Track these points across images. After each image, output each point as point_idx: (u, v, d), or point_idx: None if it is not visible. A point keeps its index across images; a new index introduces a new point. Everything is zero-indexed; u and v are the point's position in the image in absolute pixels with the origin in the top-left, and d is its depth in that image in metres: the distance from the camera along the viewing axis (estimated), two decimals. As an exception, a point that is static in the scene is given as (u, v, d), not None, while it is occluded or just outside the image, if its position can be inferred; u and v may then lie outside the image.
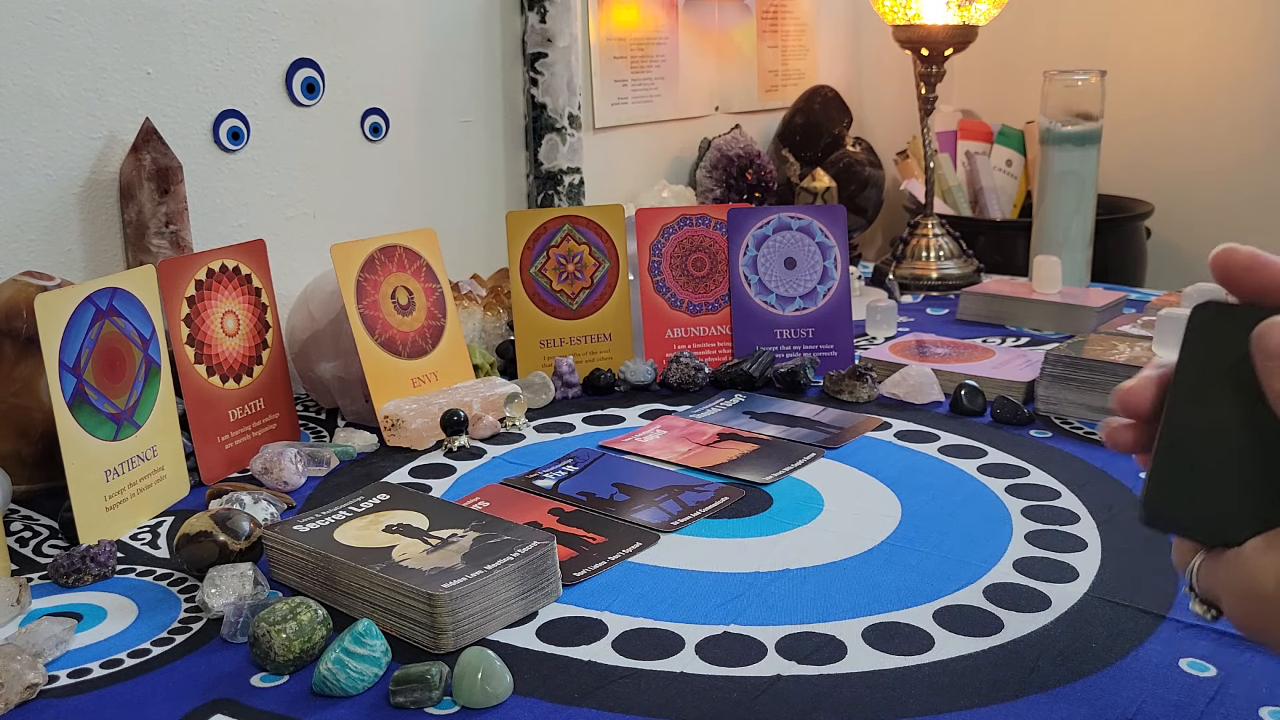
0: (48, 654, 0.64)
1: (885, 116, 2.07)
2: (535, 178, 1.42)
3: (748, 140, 1.68)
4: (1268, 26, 1.84)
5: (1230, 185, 1.89)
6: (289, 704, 0.60)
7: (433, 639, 0.64)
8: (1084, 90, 1.42)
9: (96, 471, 0.80)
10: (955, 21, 1.49)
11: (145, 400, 0.86)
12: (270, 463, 0.90)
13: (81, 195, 1.02)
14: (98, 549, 0.75)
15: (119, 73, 1.03)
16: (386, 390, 1.00)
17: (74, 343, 0.79)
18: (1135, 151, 1.95)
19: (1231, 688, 0.59)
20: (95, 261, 1.03)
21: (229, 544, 0.73)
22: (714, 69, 1.74)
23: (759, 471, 0.90)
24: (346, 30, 1.21)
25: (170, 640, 0.67)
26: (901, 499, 0.84)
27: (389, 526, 0.74)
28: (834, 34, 1.98)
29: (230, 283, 0.96)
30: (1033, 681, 0.60)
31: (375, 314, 1.02)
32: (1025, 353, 1.16)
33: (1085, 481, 0.87)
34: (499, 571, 0.66)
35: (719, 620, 0.67)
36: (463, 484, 0.90)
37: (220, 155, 1.12)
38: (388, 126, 1.27)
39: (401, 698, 0.59)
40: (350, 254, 1.02)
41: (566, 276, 1.15)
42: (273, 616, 0.63)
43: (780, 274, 1.17)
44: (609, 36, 1.54)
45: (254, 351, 0.98)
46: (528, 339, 1.15)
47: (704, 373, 1.12)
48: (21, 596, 0.70)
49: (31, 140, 0.98)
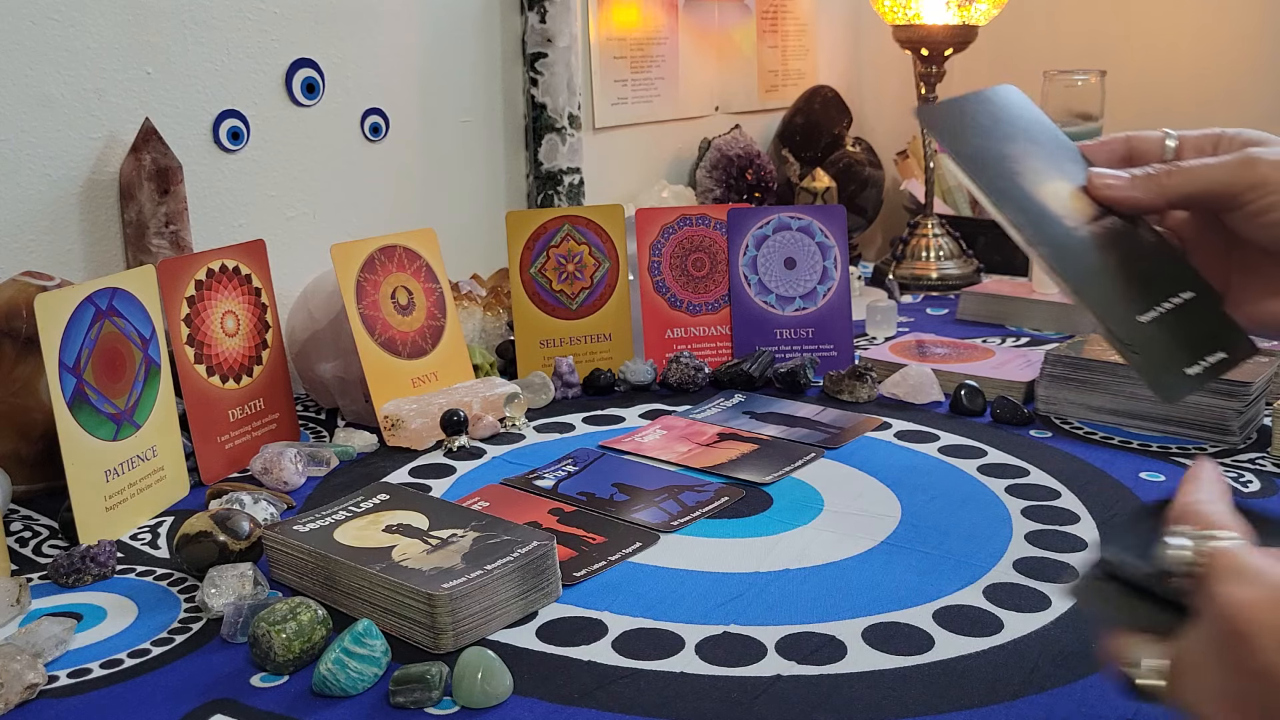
0: (48, 654, 0.64)
1: (885, 116, 2.07)
2: (535, 178, 1.42)
3: (748, 140, 1.68)
4: (1268, 26, 1.84)
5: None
6: (289, 704, 0.60)
7: (433, 639, 0.64)
8: (1084, 90, 1.42)
9: (96, 471, 0.80)
10: (955, 21, 1.49)
11: (145, 400, 0.86)
12: (270, 463, 0.90)
13: (81, 195, 1.02)
14: (98, 549, 0.75)
15: (119, 73, 1.03)
16: (386, 390, 1.00)
17: (74, 343, 0.79)
18: (1135, 151, 1.94)
19: (1231, 688, 0.59)
20: (95, 261, 1.03)
21: (229, 544, 0.73)
22: (714, 69, 1.74)
23: (759, 471, 0.90)
24: (346, 30, 1.21)
25: (170, 640, 0.67)
26: (901, 499, 0.84)
27: (389, 526, 0.74)
28: (834, 34, 1.98)
29: (230, 283, 0.96)
30: (1033, 681, 0.60)
31: (375, 314, 1.02)
32: (1025, 353, 1.16)
33: (1085, 481, 0.87)
34: (499, 571, 0.66)
35: (719, 620, 0.67)
36: (463, 484, 0.90)
37: (220, 155, 1.12)
38: (388, 126, 1.27)
39: (401, 698, 0.59)
40: (350, 254, 1.02)
41: (566, 276, 1.15)
42: (273, 616, 0.63)
43: (780, 274, 1.17)
44: (609, 36, 1.54)
45: (254, 351, 0.98)
46: (528, 339, 1.15)
47: (704, 373, 1.12)
48: (21, 596, 0.70)
49: (31, 140, 0.98)
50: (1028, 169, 0.59)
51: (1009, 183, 0.59)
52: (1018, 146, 0.60)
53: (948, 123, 0.61)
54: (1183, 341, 0.55)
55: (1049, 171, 0.60)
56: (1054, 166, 0.60)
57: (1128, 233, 0.59)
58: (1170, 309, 0.56)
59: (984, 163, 0.59)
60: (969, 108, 0.62)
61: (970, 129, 0.60)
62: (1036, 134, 0.62)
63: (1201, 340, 0.56)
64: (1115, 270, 0.57)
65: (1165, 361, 0.55)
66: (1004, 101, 0.63)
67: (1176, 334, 0.56)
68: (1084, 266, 0.57)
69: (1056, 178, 0.60)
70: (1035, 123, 0.63)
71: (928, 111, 0.62)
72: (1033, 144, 0.61)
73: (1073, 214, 0.59)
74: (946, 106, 0.62)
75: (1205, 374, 0.55)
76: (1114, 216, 0.59)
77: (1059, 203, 0.59)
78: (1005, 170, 0.59)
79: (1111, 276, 0.57)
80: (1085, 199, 0.59)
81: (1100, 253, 0.57)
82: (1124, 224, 0.59)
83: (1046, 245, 0.56)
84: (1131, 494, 0.84)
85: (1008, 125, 0.61)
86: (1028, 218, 0.57)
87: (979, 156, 0.59)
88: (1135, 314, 0.55)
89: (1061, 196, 0.59)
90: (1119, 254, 0.58)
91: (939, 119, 0.62)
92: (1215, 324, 0.57)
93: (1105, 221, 0.59)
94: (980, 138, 0.60)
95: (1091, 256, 0.57)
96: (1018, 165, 0.59)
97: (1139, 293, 0.56)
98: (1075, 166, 0.61)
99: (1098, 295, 0.56)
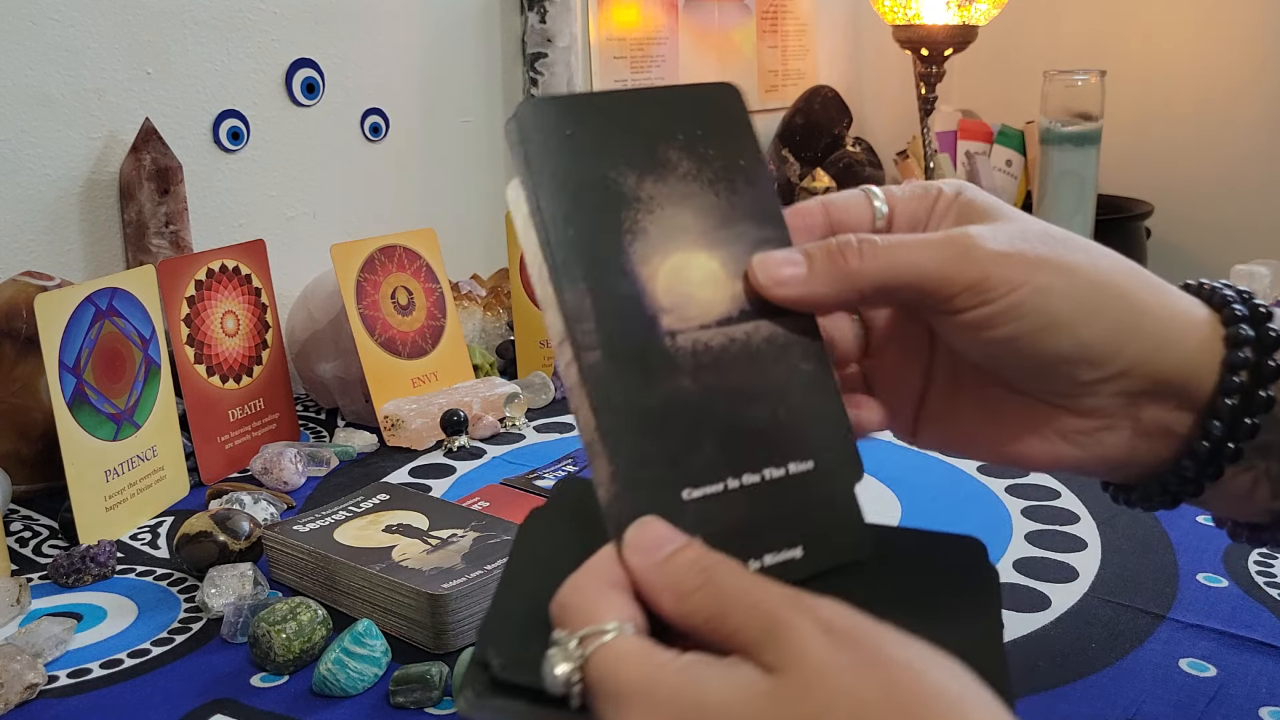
0: (48, 654, 0.64)
1: (885, 116, 2.07)
2: (535, 178, 1.42)
3: (748, 140, 1.68)
4: (1267, 26, 1.84)
5: (1230, 185, 1.89)
6: (289, 704, 0.60)
7: (433, 639, 0.64)
8: (1084, 90, 1.42)
9: (96, 471, 0.80)
10: (955, 21, 1.49)
11: (145, 400, 0.86)
12: (270, 463, 0.90)
13: (81, 195, 1.02)
14: (98, 549, 0.75)
15: (119, 73, 1.03)
16: (386, 390, 1.00)
17: (74, 343, 0.79)
18: (1135, 151, 1.94)
19: (1231, 688, 0.59)
20: (95, 261, 1.03)
21: (229, 544, 0.73)
22: (714, 69, 1.73)
23: (759, 471, 0.90)
24: (346, 30, 1.21)
25: (170, 640, 0.67)
26: (901, 499, 0.84)
27: (389, 526, 0.74)
28: (834, 34, 1.98)
29: (230, 283, 0.96)
30: (1033, 681, 0.60)
31: (375, 314, 1.02)
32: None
33: (1085, 481, 0.87)
34: (499, 571, 0.66)
35: (719, 620, 0.67)
36: (463, 484, 0.90)
37: (220, 155, 1.12)
38: (388, 126, 1.27)
39: (401, 698, 0.59)
40: (350, 254, 1.02)
41: (566, 276, 1.15)
42: (273, 616, 0.63)
43: (780, 274, 1.17)
44: (609, 36, 1.54)
45: (254, 351, 0.98)
46: (528, 339, 1.15)
47: (704, 373, 1.12)
48: (21, 596, 0.70)
49: (31, 140, 0.98)
50: (647, 219, 0.38)
51: (592, 232, 0.37)
52: (649, 180, 0.39)
53: (547, 124, 0.38)
54: (754, 526, 0.38)
55: (691, 231, 0.39)
56: (705, 224, 0.39)
57: (769, 352, 0.39)
58: (760, 482, 0.38)
59: (565, 193, 0.37)
60: (601, 108, 0.39)
61: (577, 139, 0.38)
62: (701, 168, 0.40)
63: (786, 526, 0.38)
64: (695, 417, 0.37)
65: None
66: (690, 107, 0.41)
67: (752, 514, 0.38)
68: (645, 404, 0.37)
69: (697, 245, 0.39)
70: (723, 146, 0.41)
71: (533, 109, 0.38)
72: (685, 183, 0.39)
73: (689, 308, 0.38)
74: (563, 104, 0.39)
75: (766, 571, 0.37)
76: (768, 320, 0.39)
77: (675, 285, 0.38)
78: (598, 210, 0.38)
79: (681, 427, 0.37)
80: (733, 286, 0.39)
81: (694, 381, 0.37)
82: (780, 332, 0.39)
83: (603, 354, 0.36)
84: (1131, 494, 0.84)
85: (656, 142, 0.39)
86: (594, 302, 0.36)
87: (563, 180, 0.37)
88: (680, 488, 0.37)
89: (689, 276, 0.39)
90: (725, 391, 0.38)
91: (540, 120, 0.38)
92: (824, 504, 0.39)
93: (745, 326, 0.39)
94: (585, 156, 0.38)
95: (672, 388, 0.37)
96: (630, 209, 0.38)
97: (719, 455, 0.37)
98: (747, 232, 0.40)
99: (631, 448, 0.36)
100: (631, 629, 0.34)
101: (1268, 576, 0.70)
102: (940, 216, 0.44)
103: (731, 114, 0.41)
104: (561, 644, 0.34)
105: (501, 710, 0.35)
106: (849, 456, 0.40)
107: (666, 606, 0.34)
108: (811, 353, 0.40)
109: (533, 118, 0.38)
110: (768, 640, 0.32)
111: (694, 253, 0.39)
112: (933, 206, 0.45)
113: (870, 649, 0.32)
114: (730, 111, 0.41)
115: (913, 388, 0.47)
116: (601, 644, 0.33)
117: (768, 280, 0.39)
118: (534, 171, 0.37)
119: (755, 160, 0.41)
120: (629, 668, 0.32)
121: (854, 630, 0.32)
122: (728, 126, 0.41)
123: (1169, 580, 0.70)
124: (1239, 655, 0.61)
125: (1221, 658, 0.61)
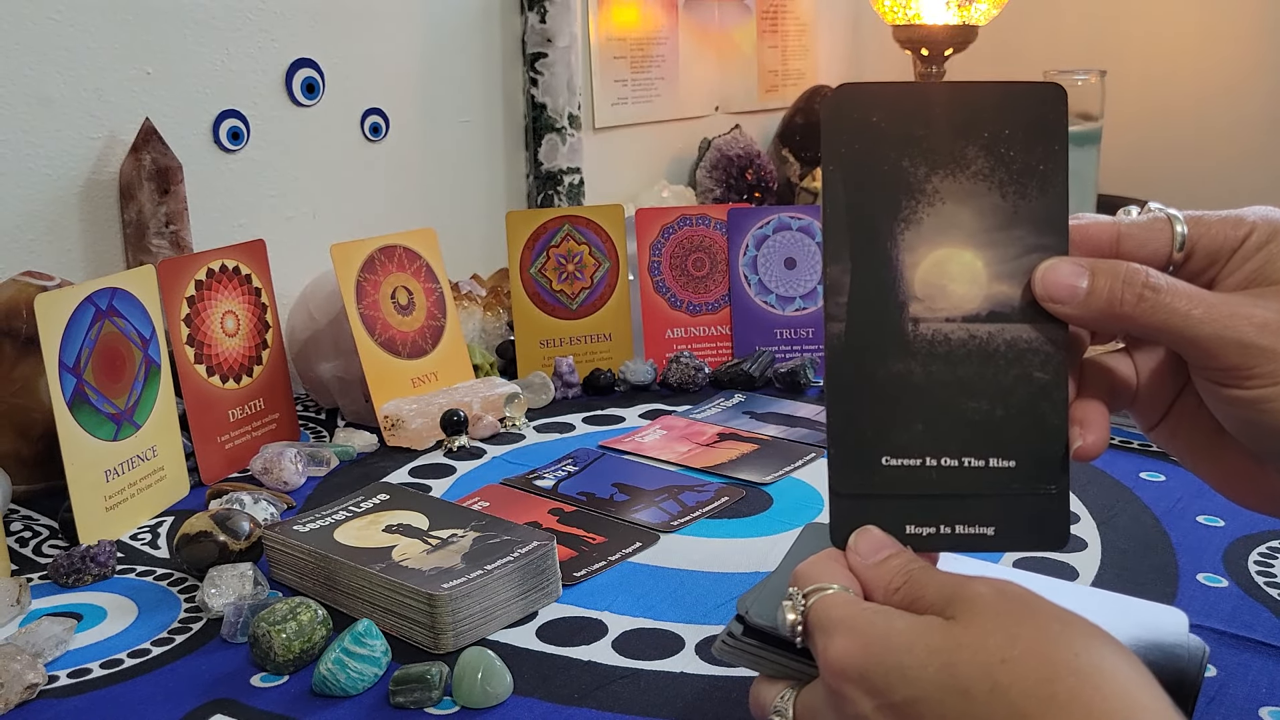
0: (48, 654, 0.64)
1: (885, 116, 2.07)
2: (535, 178, 1.42)
3: (748, 140, 1.68)
4: (1267, 26, 1.84)
5: (1230, 185, 1.89)
6: (289, 704, 0.60)
7: (433, 639, 0.64)
8: (1084, 90, 1.42)
9: (96, 471, 0.80)
10: (955, 21, 1.49)
11: (145, 400, 0.86)
12: (270, 463, 0.90)
13: (81, 195, 1.02)
14: (98, 549, 0.75)
15: (119, 73, 1.03)
16: (386, 390, 1.00)
17: (74, 343, 0.79)
18: (1135, 151, 1.95)
19: (1231, 688, 0.59)
20: (95, 261, 1.03)
21: (229, 544, 0.73)
22: (714, 69, 1.74)
23: (759, 471, 0.90)
24: (346, 30, 1.21)
25: (170, 640, 0.67)
26: (901, 499, 0.84)
27: (389, 526, 0.74)
28: (834, 34, 1.98)
29: (230, 283, 0.96)
30: (1033, 681, 0.60)
31: (375, 314, 1.02)
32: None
33: (1085, 482, 0.87)
34: (499, 571, 0.66)
35: (719, 620, 0.67)
36: (463, 484, 0.90)
37: (220, 155, 1.12)
38: (388, 126, 1.27)
39: (401, 698, 0.59)
40: (350, 254, 1.02)
41: (566, 276, 1.15)
42: (273, 616, 0.63)
43: (780, 274, 1.17)
44: (609, 36, 1.54)
45: (254, 351, 0.98)
46: (528, 339, 1.15)
47: (704, 373, 1.12)
48: (21, 596, 0.70)
49: (31, 140, 0.98)
50: (926, 211, 0.42)
51: (869, 216, 0.41)
52: (939, 175, 0.42)
53: (855, 110, 0.42)
54: (947, 499, 0.43)
55: (965, 229, 0.42)
56: (982, 224, 0.42)
57: (1007, 354, 0.42)
58: (958, 467, 0.43)
59: (854, 177, 0.42)
60: (914, 98, 0.42)
61: (881, 127, 0.42)
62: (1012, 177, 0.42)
63: (979, 508, 0.44)
64: (914, 399, 0.42)
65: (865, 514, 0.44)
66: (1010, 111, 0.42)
67: (946, 490, 0.43)
68: (871, 378, 0.42)
69: (966, 242, 0.42)
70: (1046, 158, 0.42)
71: (846, 95, 0.42)
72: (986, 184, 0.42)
73: (939, 300, 0.42)
74: (876, 91, 0.42)
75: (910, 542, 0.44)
76: (1017, 324, 0.42)
77: (933, 277, 0.42)
78: (880, 196, 0.42)
79: (897, 404, 0.42)
80: (990, 286, 0.42)
81: (922, 367, 0.42)
82: (1025, 339, 0.42)
83: (845, 327, 0.42)
84: (1131, 494, 0.84)
85: (958, 137, 0.42)
86: (851, 280, 0.41)
87: (856, 165, 0.41)
88: (881, 454, 0.42)
89: (949, 270, 0.42)
90: (950, 382, 0.42)
91: (849, 105, 0.42)
92: (1016, 499, 0.43)
93: (989, 326, 0.42)
94: (884, 144, 0.42)
95: (900, 369, 0.42)
96: (912, 199, 0.42)
97: (925, 435, 0.42)
98: (1023, 238, 0.42)
99: (845, 411, 0.42)
100: (849, 591, 0.43)
101: (1268, 576, 0.70)
102: (1244, 259, 0.44)
103: (1047, 118, 0.42)
104: (793, 598, 0.44)
105: (747, 651, 0.47)
106: (1053, 467, 0.43)
107: (877, 598, 0.43)
108: (1051, 365, 0.43)
109: (844, 103, 0.42)
110: (950, 599, 0.40)
111: (961, 249, 0.42)
112: (1241, 243, 0.44)
113: (1033, 605, 0.39)
114: (1047, 115, 0.42)
115: (1165, 397, 0.49)
116: (821, 595, 0.43)
117: (1044, 290, 0.42)
118: (831, 153, 0.42)
119: (1055, 166, 0.42)
120: (838, 608, 0.42)
121: (1023, 595, 0.40)
122: (1039, 129, 0.42)
123: (1169, 580, 0.70)
124: (1239, 655, 0.61)
125: (1221, 658, 0.61)
